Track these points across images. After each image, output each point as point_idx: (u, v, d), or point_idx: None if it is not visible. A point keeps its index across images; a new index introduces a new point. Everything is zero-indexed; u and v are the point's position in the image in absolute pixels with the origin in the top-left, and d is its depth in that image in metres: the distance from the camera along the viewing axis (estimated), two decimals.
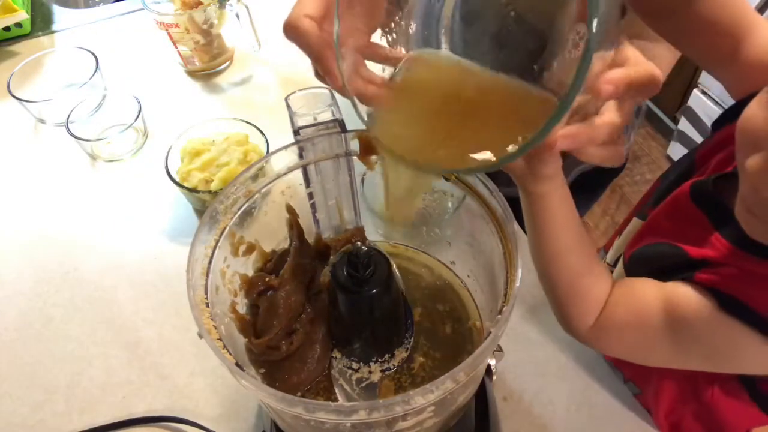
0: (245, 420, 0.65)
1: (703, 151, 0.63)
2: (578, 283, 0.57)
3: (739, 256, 0.50)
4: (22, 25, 1.09)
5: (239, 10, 0.95)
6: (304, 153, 0.49)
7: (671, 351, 0.55)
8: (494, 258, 0.47)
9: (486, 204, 0.47)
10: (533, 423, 0.65)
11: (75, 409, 0.66)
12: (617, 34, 0.39)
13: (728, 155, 0.57)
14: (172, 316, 0.74)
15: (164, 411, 0.66)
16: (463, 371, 0.37)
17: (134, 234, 0.82)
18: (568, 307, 0.58)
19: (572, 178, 1.05)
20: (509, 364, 0.68)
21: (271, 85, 1.02)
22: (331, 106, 0.48)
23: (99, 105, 0.91)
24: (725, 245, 0.52)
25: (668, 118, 2.17)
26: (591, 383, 0.67)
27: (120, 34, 1.13)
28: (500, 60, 0.44)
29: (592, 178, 1.05)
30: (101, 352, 0.71)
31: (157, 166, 0.83)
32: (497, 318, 0.41)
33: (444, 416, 0.47)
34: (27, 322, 0.74)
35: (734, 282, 0.49)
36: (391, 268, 0.46)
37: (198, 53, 1.00)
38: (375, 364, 0.49)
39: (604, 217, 2.07)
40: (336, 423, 0.39)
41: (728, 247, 0.51)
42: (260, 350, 0.48)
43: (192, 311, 0.41)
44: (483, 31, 0.45)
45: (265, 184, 0.50)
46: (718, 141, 0.60)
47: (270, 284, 0.50)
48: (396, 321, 0.50)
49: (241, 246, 0.50)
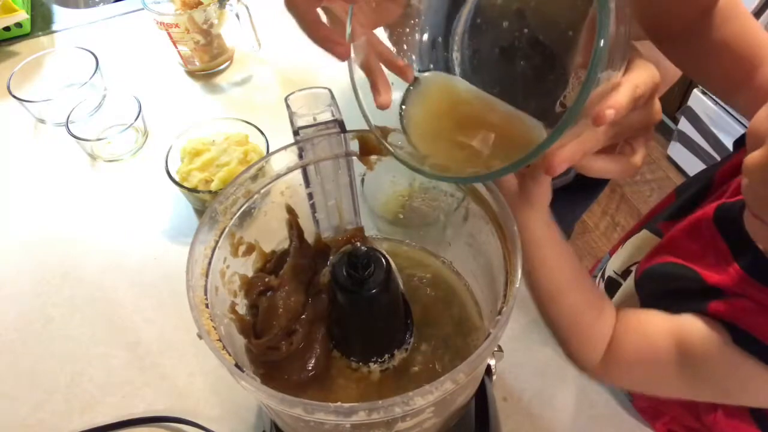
0: (245, 420, 0.65)
1: (723, 170, 0.61)
2: (580, 321, 0.56)
3: (755, 287, 0.49)
4: (22, 25, 1.09)
5: (239, 10, 0.95)
6: (304, 153, 0.49)
7: (683, 386, 0.54)
8: (494, 258, 0.47)
9: (486, 204, 0.47)
10: (533, 423, 0.65)
11: (75, 409, 0.67)
12: (624, 57, 0.39)
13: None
14: (172, 316, 0.74)
15: (164, 411, 0.66)
16: (462, 372, 0.37)
17: (134, 234, 0.82)
18: (573, 345, 0.58)
19: (571, 178, 1.05)
20: (509, 364, 0.68)
21: (271, 85, 1.02)
22: (331, 106, 0.48)
23: (99, 105, 0.91)
24: (741, 275, 0.50)
25: (668, 118, 2.17)
26: (591, 383, 0.67)
27: (120, 34, 1.13)
28: (507, 78, 0.46)
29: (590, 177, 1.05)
30: (101, 352, 0.71)
31: (157, 166, 0.83)
32: (497, 318, 0.41)
33: (444, 417, 0.47)
34: (27, 322, 0.74)
35: (748, 315, 0.48)
36: (391, 268, 0.46)
37: (198, 53, 0.99)
38: (375, 364, 0.49)
39: (604, 217, 2.07)
40: (336, 423, 0.39)
41: (744, 277, 0.50)
42: (260, 351, 0.48)
43: (191, 312, 0.41)
44: (493, 48, 0.46)
45: (265, 184, 0.50)
46: (737, 163, 0.59)
47: (270, 285, 0.50)
48: (396, 321, 0.50)
49: (241, 246, 0.50)
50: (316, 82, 1.00)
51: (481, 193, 0.47)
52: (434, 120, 0.46)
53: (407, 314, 0.51)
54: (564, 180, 1.04)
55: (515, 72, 0.46)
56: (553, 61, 0.43)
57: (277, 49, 1.06)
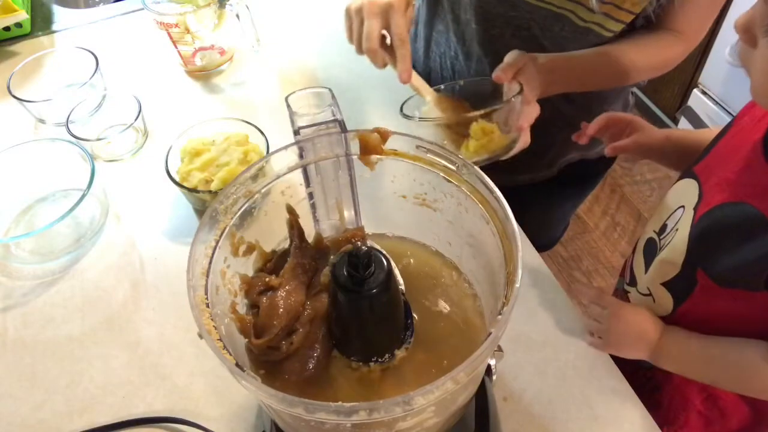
0: (245, 420, 0.65)
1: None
2: (741, 385, 0.66)
3: None
4: (22, 25, 1.09)
5: (239, 9, 0.95)
6: (304, 153, 0.49)
7: None
8: (494, 258, 0.47)
9: (486, 204, 0.47)
10: (533, 423, 0.65)
11: (75, 409, 0.67)
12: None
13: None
14: (172, 316, 0.74)
15: (164, 411, 0.66)
16: (463, 371, 0.37)
17: (134, 234, 0.82)
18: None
19: (554, 172, 1.06)
20: (509, 364, 0.68)
21: (271, 85, 1.02)
22: (331, 106, 0.48)
23: (99, 105, 0.91)
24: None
25: (668, 118, 2.17)
26: (591, 383, 0.67)
27: (120, 34, 1.13)
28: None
29: (579, 169, 1.06)
30: (101, 352, 0.71)
31: (157, 166, 0.83)
32: (497, 318, 0.41)
33: (444, 416, 0.47)
34: (27, 322, 0.74)
35: None
36: (391, 268, 0.46)
37: (198, 53, 1.00)
38: (375, 363, 0.49)
39: (604, 217, 2.07)
40: (336, 423, 0.39)
41: None
42: (260, 350, 0.48)
43: (192, 312, 0.41)
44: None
45: (265, 184, 0.50)
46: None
47: (270, 284, 0.50)
48: (396, 321, 0.50)
49: (241, 246, 0.50)
50: (316, 82, 1.00)
51: (482, 193, 0.47)
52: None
53: (407, 313, 0.51)
54: (547, 174, 1.06)
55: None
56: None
57: (277, 49, 1.06)
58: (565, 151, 1.04)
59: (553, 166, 1.06)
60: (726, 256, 0.61)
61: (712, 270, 0.63)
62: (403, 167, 0.51)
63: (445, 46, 0.99)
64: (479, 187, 0.47)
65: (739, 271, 0.60)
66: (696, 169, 0.69)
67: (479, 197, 0.48)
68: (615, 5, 0.76)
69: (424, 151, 0.49)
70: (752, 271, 0.59)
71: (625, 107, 1.04)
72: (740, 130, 0.66)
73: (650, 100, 2.24)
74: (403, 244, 0.60)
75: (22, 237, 0.79)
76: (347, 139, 0.49)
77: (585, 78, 0.85)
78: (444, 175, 0.50)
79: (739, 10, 1.83)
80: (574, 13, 0.80)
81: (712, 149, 0.69)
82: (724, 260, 0.62)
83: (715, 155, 0.68)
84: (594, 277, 1.91)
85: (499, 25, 0.87)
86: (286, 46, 1.07)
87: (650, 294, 0.73)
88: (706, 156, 0.69)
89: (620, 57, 0.81)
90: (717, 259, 0.62)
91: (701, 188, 0.67)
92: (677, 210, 0.70)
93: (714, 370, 0.66)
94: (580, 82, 0.85)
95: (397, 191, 0.55)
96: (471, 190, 0.48)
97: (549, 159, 1.04)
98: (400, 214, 0.57)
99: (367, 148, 0.50)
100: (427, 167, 0.50)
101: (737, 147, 0.64)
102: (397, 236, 0.60)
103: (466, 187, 0.49)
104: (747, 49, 0.52)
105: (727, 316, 0.65)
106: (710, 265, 0.63)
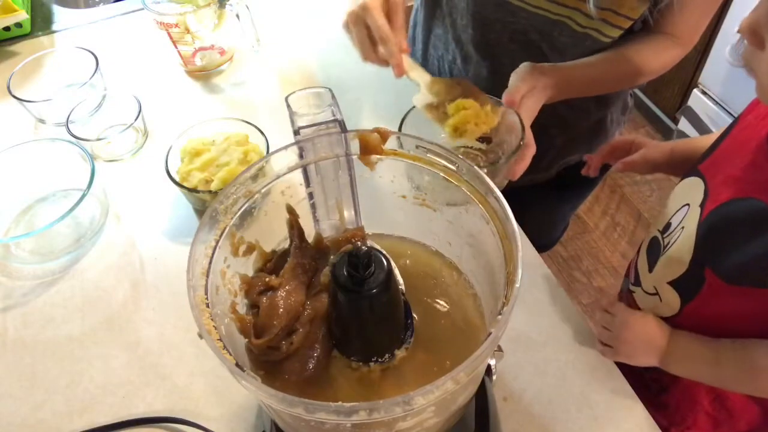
0: (245, 420, 0.65)
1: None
2: (750, 385, 0.66)
3: None
4: (22, 25, 1.09)
5: (239, 9, 0.95)
6: (304, 153, 0.49)
7: None
8: (494, 258, 0.47)
9: (486, 204, 0.47)
10: (533, 423, 0.65)
11: (75, 409, 0.67)
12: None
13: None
14: (172, 316, 0.74)
15: (164, 411, 0.66)
16: (463, 371, 0.37)
17: (134, 234, 0.82)
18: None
19: (552, 174, 1.06)
20: (509, 364, 0.68)
21: (271, 85, 1.02)
22: (331, 106, 0.48)
23: (99, 105, 0.91)
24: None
25: (668, 118, 2.17)
26: (591, 383, 0.67)
27: (120, 34, 1.13)
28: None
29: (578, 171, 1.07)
30: (101, 352, 0.71)
31: (157, 166, 0.83)
32: (497, 318, 0.41)
33: (444, 416, 0.47)
34: (27, 322, 0.74)
35: None
36: (391, 268, 0.46)
37: (198, 53, 1.00)
38: (375, 363, 0.49)
39: (604, 217, 2.07)
40: (336, 423, 0.39)
41: None
42: (260, 350, 0.48)
43: (192, 312, 0.41)
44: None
45: (265, 184, 0.50)
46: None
47: (270, 284, 0.50)
48: (396, 320, 0.50)
49: (241, 246, 0.50)
50: (316, 81, 1.01)
51: (482, 193, 0.47)
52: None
53: (407, 313, 0.51)
54: (546, 176, 1.07)
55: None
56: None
57: (277, 49, 1.06)
58: (564, 153, 1.04)
59: (551, 169, 1.07)
60: (734, 252, 0.61)
61: (719, 267, 0.63)
62: (403, 167, 0.51)
63: (443, 49, 0.99)
64: (479, 187, 0.47)
65: (747, 267, 0.60)
66: (701, 168, 0.69)
67: (479, 197, 0.48)
68: (613, 11, 0.76)
69: (424, 151, 0.50)
70: (760, 266, 0.59)
71: (625, 109, 1.04)
72: (745, 128, 0.66)
73: (650, 100, 2.24)
74: (402, 243, 0.60)
75: (22, 237, 0.79)
76: (347, 139, 0.49)
77: (589, 86, 0.85)
78: (444, 175, 0.50)
79: (739, 10, 1.83)
80: (572, 20, 0.80)
81: (717, 148, 0.69)
82: (732, 257, 0.61)
83: (721, 153, 0.68)
84: (594, 277, 1.91)
85: (496, 30, 0.87)
86: (286, 46, 1.07)
87: (656, 293, 0.73)
88: (711, 154, 0.69)
89: (623, 63, 0.81)
90: (725, 255, 0.62)
91: (707, 186, 0.67)
92: (682, 208, 0.70)
93: (722, 371, 0.66)
94: (584, 91, 0.86)
95: (397, 191, 0.55)
96: (471, 190, 0.48)
97: (548, 161, 1.04)
98: (400, 214, 0.57)
99: (367, 148, 0.50)
100: (427, 167, 0.50)
101: (743, 144, 0.64)
102: (397, 236, 0.60)
103: (466, 187, 0.49)
104: (753, 51, 0.52)
105: (734, 314, 0.65)
106: (718, 262, 0.63)
